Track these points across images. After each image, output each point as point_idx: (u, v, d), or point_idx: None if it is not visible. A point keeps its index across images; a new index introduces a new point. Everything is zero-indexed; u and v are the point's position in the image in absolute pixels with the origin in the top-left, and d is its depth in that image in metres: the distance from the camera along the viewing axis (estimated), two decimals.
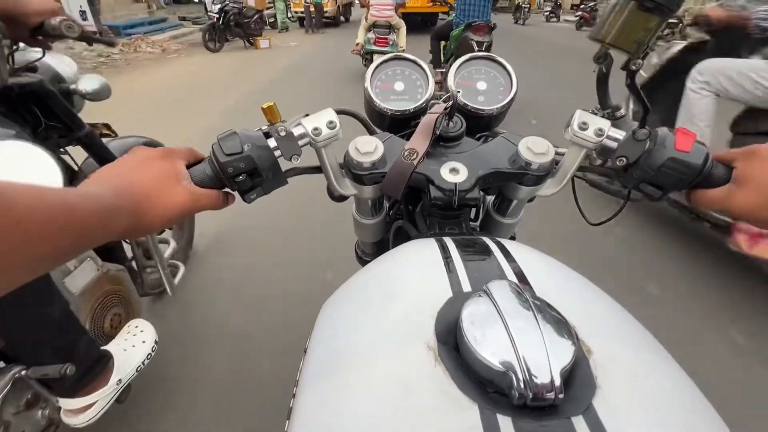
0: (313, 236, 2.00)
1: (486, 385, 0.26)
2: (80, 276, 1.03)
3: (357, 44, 5.01)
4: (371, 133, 0.64)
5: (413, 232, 0.58)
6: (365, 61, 5.06)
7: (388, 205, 0.67)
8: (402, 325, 0.32)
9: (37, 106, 1.05)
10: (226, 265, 1.80)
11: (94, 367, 0.91)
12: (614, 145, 0.46)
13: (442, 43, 4.20)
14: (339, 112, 0.49)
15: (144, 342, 1.09)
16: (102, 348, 0.98)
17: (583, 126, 0.46)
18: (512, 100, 0.61)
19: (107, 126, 1.24)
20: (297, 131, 0.46)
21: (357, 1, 14.94)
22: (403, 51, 4.88)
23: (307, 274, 1.71)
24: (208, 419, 1.19)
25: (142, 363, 1.05)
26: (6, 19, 0.70)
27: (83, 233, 0.27)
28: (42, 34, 0.72)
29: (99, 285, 1.08)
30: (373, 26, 4.80)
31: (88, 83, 1.11)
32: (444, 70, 3.75)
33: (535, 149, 0.48)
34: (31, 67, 1.00)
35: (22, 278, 0.23)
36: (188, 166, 0.41)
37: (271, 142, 0.44)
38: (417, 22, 11.17)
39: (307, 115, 0.48)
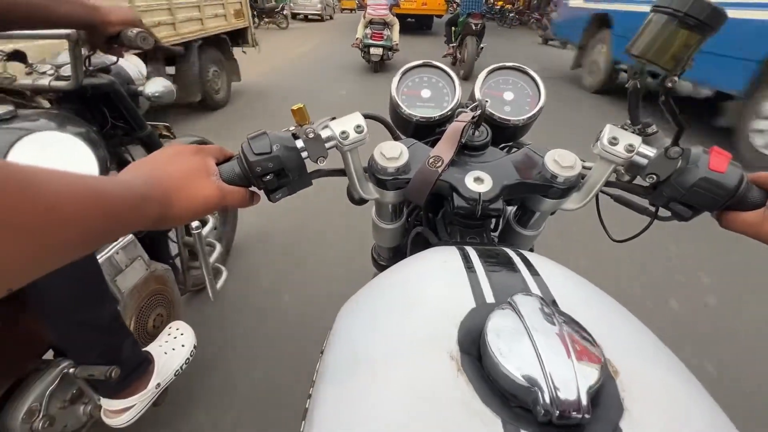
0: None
1: (509, 399, 0.25)
2: (131, 275, 1.04)
3: (357, 39, 5.89)
4: (396, 138, 0.63)
5: (433, 239, 0.58)
6: (364, 54, 5.95)
7: (407, 211, 0.66)
8: (424, 332, 0.32)
9: (106, 105, 1.08)
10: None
11: (137, 370, 0.92)
12: (644, 161, 0.45)
13: (453, 28, 6.13)
14: (366, 117, 0.49)
15: (183, 346, 1.09)
16: (144, 350, 0.99)
17: (614, 141, 0.45)
18: (539, 111, 0.60)
19: (167, 128, 1.27)
20: (324, 134, 0.46)
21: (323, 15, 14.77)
22: (396, 45, 5.45)
23: None
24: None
25: (181, 367, 1.05)
26: (86, 27, 0.71)
27: (114, 220, 0.27)
28: (117, 43, 0.73)
29: (146, 284, 1.10)
30: (370, 23, 5.68)
31: (153, 86, 1.13)
32: (455, 44, 6.05)
33: (561, 162, 0.47)
34: (105, 69, 1.03)
35: (51, 263, 0.23)
36: (218, 164, 0.41)
37: (299, 144, 0.44)
38: (413, 26, 11.40)
39: (334, 118, 0.48)
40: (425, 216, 0.65)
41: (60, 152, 0.87)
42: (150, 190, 0.32)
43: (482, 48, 5.77)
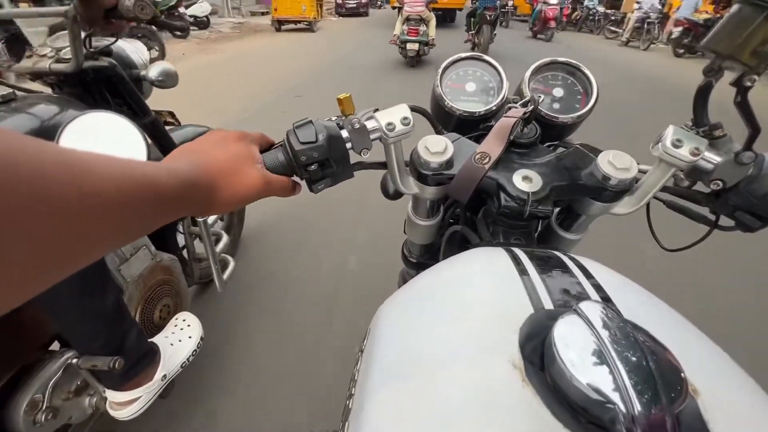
0: None
1: (579, 414, 0.23)
2: (136, 264, 1.01)
3: (394, 35, 6.03)
4: (438, 132, 0.61)
5: (474, 239, 0.56)
6: (401, 50, 6.10)
7: (443, 208, 0.64)
8: (482, 337, 0.30)
9: (108, 90, 1.05)
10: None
11: (142, 361, 0.89)
12: (709, 166, 0.43)
13: (472, 19, 7.21)
14: (411, 109, 0.47)
15: (190, 337, 1.06)
16: (150, 341, 0.96)
17: (677, 143, 0.41)
18: (590, 110, 0.58)
19: (172, 114, 1.24)
20: (370, 125, 0.44)
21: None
22: (432, 40, 6.26)
23: None
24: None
25: (187, 359, 1.02)
26: (81, 0, 0.67)
27: (163, 206, 0.27)
28: (115, 16, 0.69)
29: (152, 274, 1.07)
30: (407, 20, 5.75)
31: (157, 71, 1.10)
32: (473, 32, 7.18)
33: (617, 164, 0.44)
34: (106, 51, 1.00)
35: (100, 251, 0.22)
36: (261, 151, 0.40)
37: (344, 134, 0.43)
38: (439, 18, 12.37)
39: (377, 109, 0.46)
40: (463, 214, 0.63)
41: (111, 134, 0.85)
42: (197, 178, 0.31)
43: (495, 34, 6.90)
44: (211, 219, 1.24)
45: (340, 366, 1.30)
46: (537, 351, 0.27)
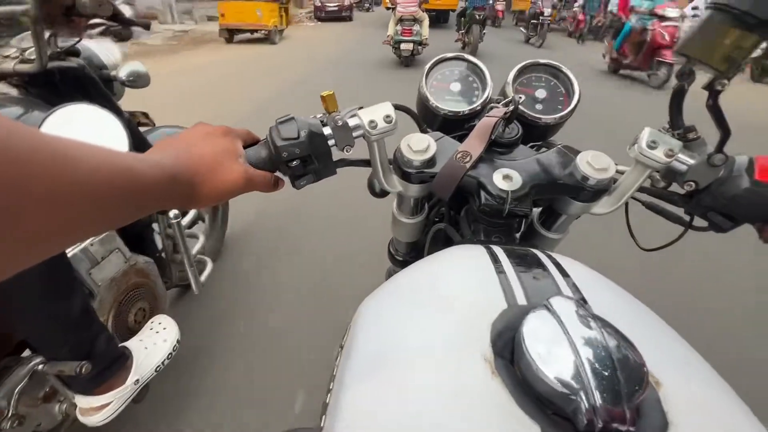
0: None
1: (545, 406, 0.24)
2: (107, 267, 1.00)
3: (388, 36, 6.12)
4: (423, 131, 0.63)
5: (456, 237, 0.57)
6: (395, 50, 6.20)
7: (428, 206, 0.65)
8: (455, 332, 0.31)
9: (78, 91, 1.03)
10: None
11: (112, 366, 0.87)
12: (683, 168, 0.44)
13: (462, 19, 7.50)
14: (395, 107, 0.48)
15: (165, 341, 1.04)
16: (122, 345, 0.94)
17: (652, 145, 0.42)
18: (572, 111, 0.59)
19: (146, 115, 1.23)
20: (352, 122, 0.45)
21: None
22: (426, 39, 6.43)
23: None
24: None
25: (162, 363, 1.00)
26: None
27: (143, 198, 0.27)
28: (75, 14, 0.68)
29: (126, 277, 1.05)
30: (400, 20, 5.86)
31: (127, 71, 1.08)
32: (463, 31, 7.49)
33: (595, 164, 0.45)
34: (73, 51, 0.98)
35: (78, 237, 0.23)
36: (245, 147, 0.41)
37: (326, 131, 0.43)
38: (432, 18, 12.68)
39: (361, 107, 0.47)
40: (447, 213, 0.64)
41: (93, 126, 0.84)
42: (180, 170, 0.32)
43: (484, 33, 7.11)
44: (186, 219, 1.22)
45: (321, 367, 1.29)
46: (508, 345, 0.28)
